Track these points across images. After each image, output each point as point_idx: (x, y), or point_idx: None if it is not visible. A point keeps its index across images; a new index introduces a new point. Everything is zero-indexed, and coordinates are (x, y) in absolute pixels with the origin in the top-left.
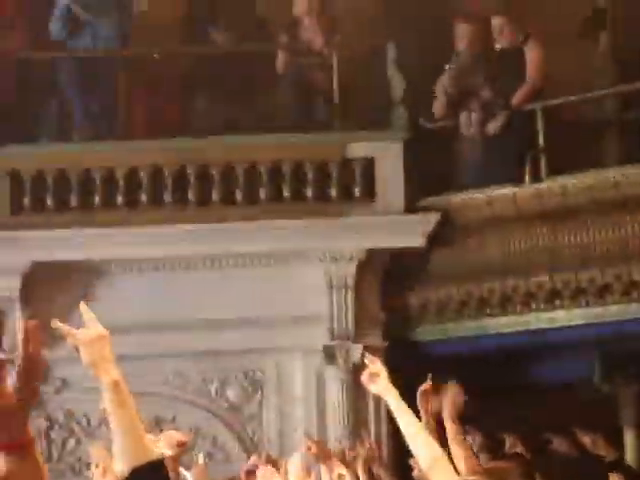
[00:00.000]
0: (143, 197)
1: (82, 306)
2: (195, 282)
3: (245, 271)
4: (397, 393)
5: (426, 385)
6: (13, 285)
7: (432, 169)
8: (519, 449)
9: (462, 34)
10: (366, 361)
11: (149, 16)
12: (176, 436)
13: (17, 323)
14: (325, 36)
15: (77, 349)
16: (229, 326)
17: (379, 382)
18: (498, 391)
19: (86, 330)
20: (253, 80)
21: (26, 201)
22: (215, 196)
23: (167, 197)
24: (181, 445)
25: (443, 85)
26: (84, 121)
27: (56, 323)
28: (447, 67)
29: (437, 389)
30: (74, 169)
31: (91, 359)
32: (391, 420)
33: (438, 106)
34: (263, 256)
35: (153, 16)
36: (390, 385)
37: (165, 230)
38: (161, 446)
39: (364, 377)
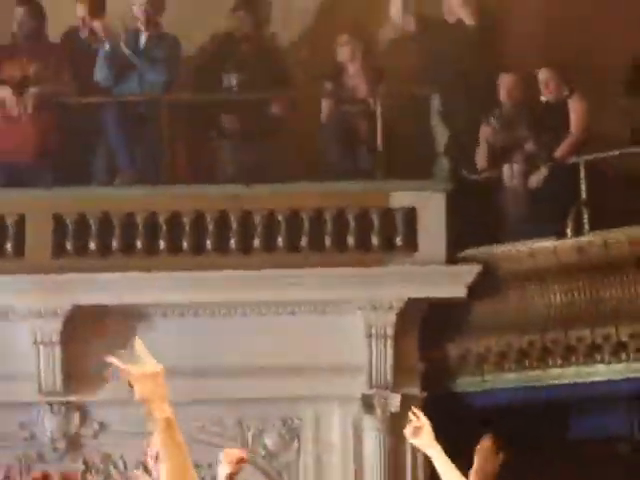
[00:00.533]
0: (185, 242)
1: (137, 341)
2: (234, 328)
3: (284, 318)
4: (441, 448)
5: (487, 442)
6: (54, 328)
7: (474, 220)
8: None
9: (505, 85)
10: (410, 415)
11: (195, 61)
12: (236, 453)
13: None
14: (369, 84)
15: (130, 385)
16: (267, 373)
17: (423, 436)
18: (537, 443)
19: (140, 366)
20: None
21: (68, 244)
22: (257, 243)
23: (209, 243)
24: (240, 461)
25: (485, 136)
26: (128, 165)
27: (110, 358)
28: (490, 119)
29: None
30: (117, 213)
31: (144, 395)
32: (429, 470)
33: (481, 157)
34: (303, 304)
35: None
36: (434, 440)
37: (206, 275)
38: (221, 462)
39: (408, 430)
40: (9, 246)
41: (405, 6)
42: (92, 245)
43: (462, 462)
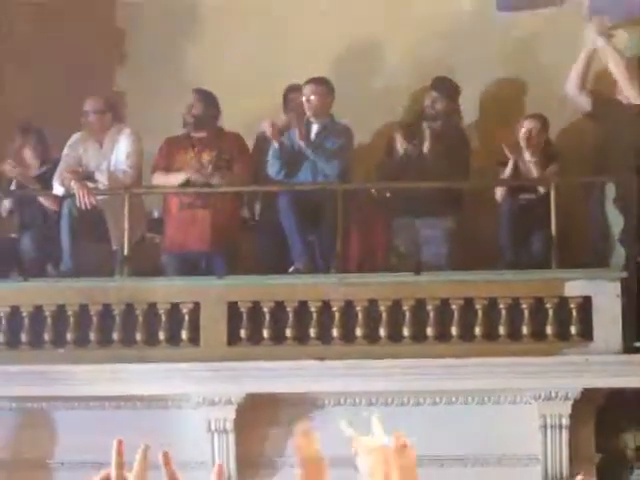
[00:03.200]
0: (358, 330)
1: (375, 416)
2: (408, 418)
3: (457, 408)
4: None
5: None
6: (228, 416)
7: None
8: None
9: None
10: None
11: (368, 150)
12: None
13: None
14: (544, 171)
15: (356, 454)
16: (441, 463)
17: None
18: None
19: (370, 439)
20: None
21: (242, 333)
22: (430, 332)
23: (382, 331)
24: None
25: None
26: (301, 254)
27: (343, 425)
28: None
29: None
30: (290, 301)
31: (365, 467)
32: None
33: None
34: (476, 393)
35: (372, 151)
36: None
37: (379, 364)
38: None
39: None
40: (184, 334)
41: (582, 85)
42: (266, 333)
43: None
